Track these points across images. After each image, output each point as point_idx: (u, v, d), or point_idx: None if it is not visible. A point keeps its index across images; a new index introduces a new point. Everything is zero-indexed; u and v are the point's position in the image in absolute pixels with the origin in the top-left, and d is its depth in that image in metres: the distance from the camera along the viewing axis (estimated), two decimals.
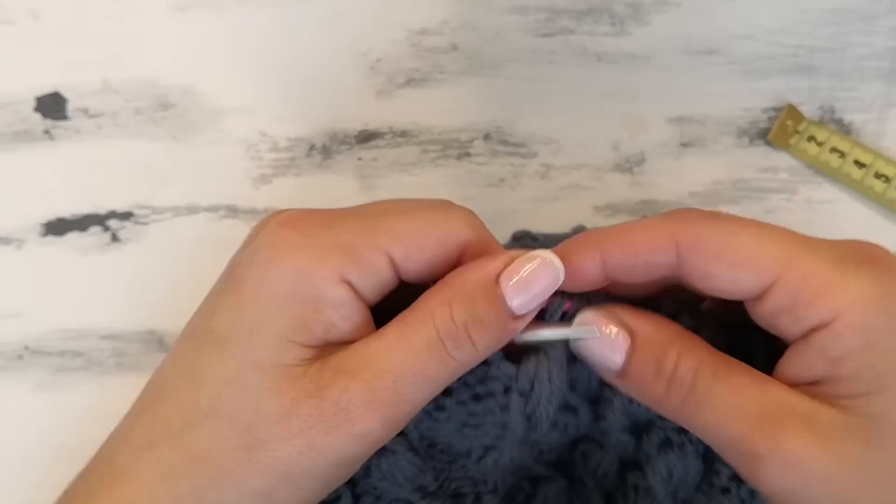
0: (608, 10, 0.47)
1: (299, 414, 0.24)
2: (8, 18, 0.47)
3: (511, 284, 0.25)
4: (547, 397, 0.28)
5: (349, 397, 0.24)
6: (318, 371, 0.25)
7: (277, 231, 0.26)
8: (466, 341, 0.25)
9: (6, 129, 0.46)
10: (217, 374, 0.25)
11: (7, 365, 0.45)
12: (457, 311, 0.25)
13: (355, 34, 0.47)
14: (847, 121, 0.47)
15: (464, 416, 0.29)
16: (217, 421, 0.25)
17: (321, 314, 0.25)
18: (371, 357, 0.25)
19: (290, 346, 0.25)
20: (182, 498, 0.25)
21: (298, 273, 0.25)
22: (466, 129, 0.47)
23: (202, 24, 0.47)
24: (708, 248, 0.26)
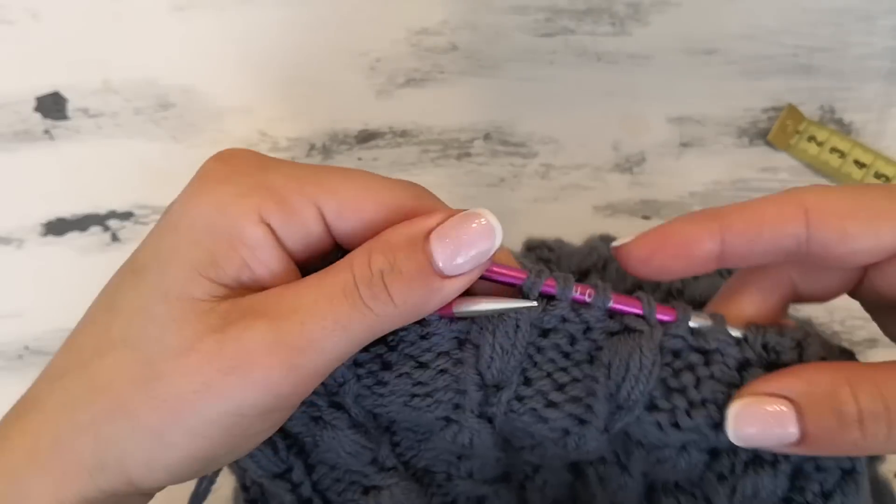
0: (608, 10, 0.47)
1: (199, 349, 0.23)
2: (8, 19, 0.47)
3: (439, 241, 0.23)
4: (499, 348, 0.26)
5: (251, 336, 0.23)
6: (226, 309, 0.24)
7: (209, 164, 0.26)
8: (382, 291, 0.23)
9: (6, 129, 0.46)
10: (131, 303, 0.25)
11: (7, 365, 0.45)
12: (375, 259, 0.23)
13: (355, 34, 0.47)
14: (847, 121, 0.47)
15: (408, 387, 0.27)
16: (123, 351, 0.24)
17: (234, 252, 0.24)
18: (282, 298, 0.24)
19: (199, 280, 0.24)
20: (82, 429, 0.24)
21: (217, 206, 0.24)
22: (466, 129, 0.47)
23: (202, 24, 0.47)
24: (842, 208, 0.25)
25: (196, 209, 0.24)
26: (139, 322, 0.24)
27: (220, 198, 0.24)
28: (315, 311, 0.23)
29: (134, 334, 0.24)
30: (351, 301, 0.23)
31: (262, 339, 0.23)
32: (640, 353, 0.26)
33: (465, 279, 0.24)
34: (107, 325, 0.25)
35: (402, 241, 0.24)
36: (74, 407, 0.24)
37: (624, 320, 0.27)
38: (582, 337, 0.27)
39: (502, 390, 0.27)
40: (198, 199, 0.25)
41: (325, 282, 0.24)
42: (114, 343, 0.24)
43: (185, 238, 0.24)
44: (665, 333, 0.26)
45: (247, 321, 0.23)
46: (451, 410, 0.27)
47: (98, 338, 0.25)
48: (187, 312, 0.23)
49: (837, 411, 0.23)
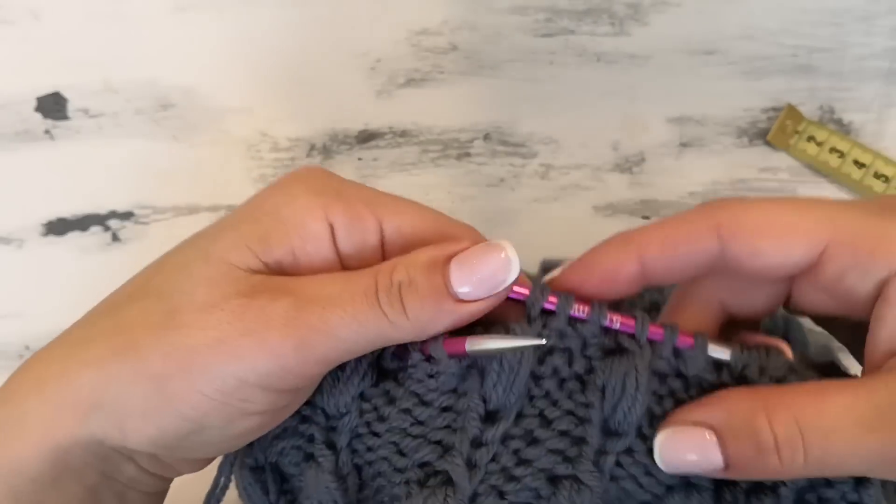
0: (608, 10, 0.47)
1: (223, 307, 0.24)
2: (9, 19, 0.47)
3: (458, 266, 0.25)
4: (507, 365, 0.26)
5: (275, 307, 0.24)
6: (258, 280, 0.25)
7: (298, 171, 0.27)
8: (397, 301, 0.25)
9: (7, 129, 0.46)
10: (175, 261, 0.26)
11: (8, 365, 0.45)
12: (398, 272, 0.25)
13: (355, 35, 0.47)
14: (846, 121, 0.47)
15: (406, 425, 0.27)
16: (154, 299, 0.25)
17: (287, 237, 0.25)
18: (310, 283, 0.25)
19: (243, 250, 0.25)
20: (88, 363, 0.25)
21: (288, 196, 0.26)
22: (466, 129, 0.47)
23: (203, 24, 0.47)
24: (752, 225, 0.26)
25: (270, 196, 0.26)
26: (176, 277, 0.25)
27: (293, 191, 0.26)
28: (336, 301, 0.24)
29: (168, 287, 0.25)
30: (369, 302, 0.25)
31: (284, 313, 0.24)
32: (635, 372, 0.26)
33: (478, 306, 0.25)
34: (149, 276, 0.27)
35: (424, 261, 0.25)
36: (89, 343, 0.25)
37: (618, 339, 0.27)
38: (579, 354, 0.27)
39: (498, 423, 0.26)
40: (275, 189, 0.27)
41: (350, 280, 0.25)
42: (147, 292, 0.26)
43: (247, 214, 0.26)
44: (653, 354, 0.27)
45: (274, 294, 0.24)
46: (437, 457, 0.26)
47: (137, 286, 0.26)
48: (222, 274, 0.25)
49: (755, 439, 0.24)
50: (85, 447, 0.25)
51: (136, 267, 0.45)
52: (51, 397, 0.25)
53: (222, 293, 0.24)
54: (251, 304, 0.24)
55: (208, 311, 0.24)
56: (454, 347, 0.26)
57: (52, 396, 0.25)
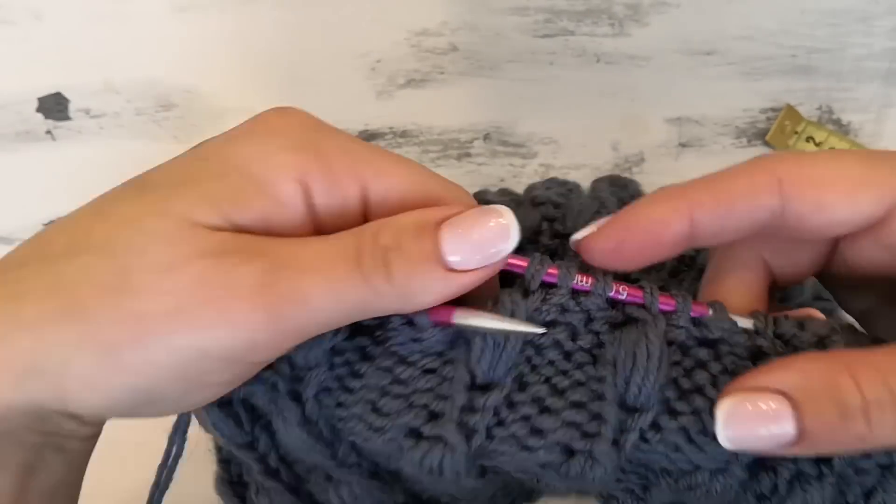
0: (607, 11, 0.47)
1: (184, 270, 0.21)
2: (10, 19, 0.47)
3: (450, 231, 0.22)
4: (491, 341, 0.24)
5: (245, 271, 0.21)
6: (224, 238, 0.22)
7: (266, 114, 0.25)
8: (381, 266, 0.22)
9: (8, 130, 0.46)
10: (123, 213, 0.23)
11: None
12: (384, 234, 0.22)
13: (356, 35, 0.47)
14: (845, 121, 0.47)
15: (385, 382, 0.24)
16: (98, 256, 0.22)
17: (259, 199, 0.23)
18: (284, 246, 0.22)
19: (208, 209, 0.22)
20: (25, 325, 0.22)
21: (259, 153, 0.23)
22: (466, 130, 0.47)
23: (204, 25, 0.47)
24: (818, 177, 0.23)
25: (236, 148, 0.23)
26: (126, 232, 0.22)
27: (265, 146, 0.23)
28: (314, 266, 0.22)
29: (116, 242, 0.22)
30: (349, 267, 0.22)
31: (255, 278, 0.21)
32: (645, 340, 0.24)
33: (471, 277, 0.22)
34: (88, 227, 0.23)
35: (413, 223, 0.23)
36: (24, 300, 0.22)
37: (626, 310, 0.25)
38: (584, 330, 0.25)
39: (490, 392, 0.24)
40: (242, 140, 0.24)
41: (328, 242, 0.22)
42: (91, 246, 0.22)
43: (213, 169, 0.23)
44: (668, 324, 0.24)
45: (243, 256, 0.21)
46: (424, 422, 0.24)
47: (74, 237, 0.23)
48: (182, 231, 0.22)
49: (839, 403, 0.21)
50: (23, 412, 0.22)
51: None
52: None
53: (183, 253, 0.21)
54: (217, 267, 0.21)
55: (167, 272, 0.21)
56: (440, 316, 0.24)
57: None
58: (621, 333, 0.24)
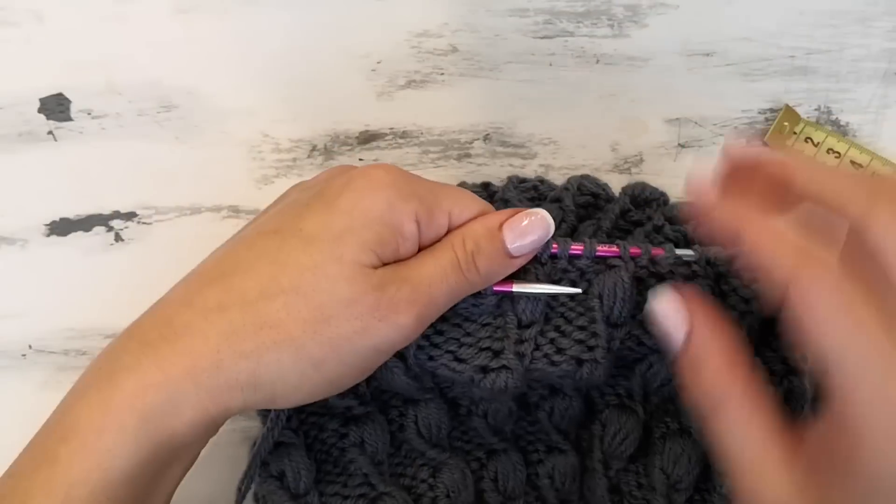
0: (607, 12, 0.48)
1: (363, 301, 0.31)
2: (12, 20, 0.47)
3: (509, 230, 0.34)
4: (532, 303, 0.36)
5: (400, 295, 0.32)
6: (382, 274, 0.32)
7: (373, 171, 0.33)
8: (472, 265, 0.33)
9: (10, 130, 0.47)
10: (301, 262, 0.31)
11: (11, 364, 0.45)
12: (468, 243, 0.33)
13: (356, 36, 0.47)
14: (844, 122, 0.47)
15: (459, 335, 0.36)
16: (293, 297, 0.31)
17: (394, 238, 0.32)
18: (416, 269, 0.33)
19: (369, 253, 0.32)
20: (244, 356, 0.30)
21: (388, 204, 0.32)
22: (466, 131, 0.47)
23: (205, 26, 0.47)
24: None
25: (370, 203, 0.32)
26: (309, 277, 0.31)
27: (389, 198, 0.32)
28: (437, 279, 0.33)
29: (305, 285, 0.31)
30: (457, 273, 0.33)
31: (406, 298, 0.32)
32: (622, 281, 0.36)
33: (525, 259, 0.35)
34: (273, 276, 0.31)
35: (485, 232, 0.34)
36: (239, 335, 0.30)
37: (608, 261, 0.37)
38: (580, 280, 0.37)
39: (531, 328, 0.36)
40: (371, 195, 0.32)
41: (439, 260, 0.33)
42: (283, 289, 0.31)
43: (359, 222, 0.32)
44: (636, 266, 0.36)
45: (397, 284, 0.32)
46: (490, 359, 0.36)
47: (263, 284, 0.31)
48: (355, 273, 0.31)
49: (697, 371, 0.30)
50: (230, 415, 0.31)
51: (138, 267, 0.45)
52: (208, 386, 0.30)
53: (361, 288, 0.31)
54: (382, 297, 0.31)
55: (352, 305, 0.31)
56: (501, 286, 0.36)
57: (210, 385, 0.30)
58: (604, 276, 0.36)
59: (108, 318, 0.45)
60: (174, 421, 0.30)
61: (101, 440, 0.30)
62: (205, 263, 0.34)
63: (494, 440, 0.41)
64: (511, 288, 0.35)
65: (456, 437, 0.41)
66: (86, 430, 0.30)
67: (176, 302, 0.32)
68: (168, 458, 0.31)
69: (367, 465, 0.39)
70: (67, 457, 0.30)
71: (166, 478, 0.32)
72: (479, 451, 0.41)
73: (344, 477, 0.39)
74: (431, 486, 0.39)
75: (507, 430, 0.41)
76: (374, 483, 0.39)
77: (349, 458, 0.39)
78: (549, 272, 0.36)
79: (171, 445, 0.31)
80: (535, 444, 0.41)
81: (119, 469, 0.30)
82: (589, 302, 0.36)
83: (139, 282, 0.37)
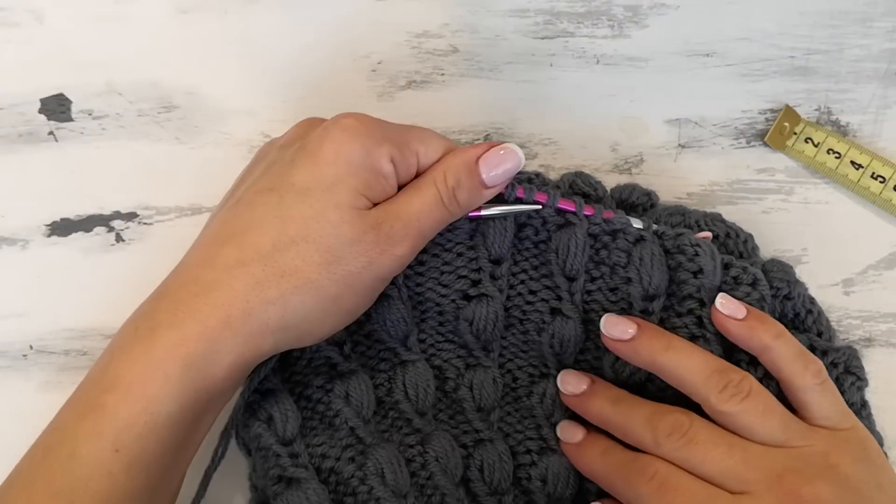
0: (607, 12, 0.48)
1: (364, 239, 0.35)
2: (13, 21, 0.47)
3: (485, 164, 0.37)
4: (500, 231, 0.40)
5: (395, 231, 0.36)
6: (376, 214, 0.36)
7: (344, 120, 0.36)
8: (454, 199, 0.37)
9: (11, 131, 0.47)
10: (303, 213, 0.35)
11: (12, 364, 0.45)
12: (450, 179, 0.37)
13: (356, 37, 0.47)
14: (844, 122, 0.47)
15: (439, 264, 0.41)
16: (304, 245, 0.34)
17: (379, 181, 0.36)
18: (405, 207, 0.36)
19: (360, 197, 0.35)
20: (271, 302, 0.34)
21: (365, 150, 0.35)
22: (467, 131, 0.47)
23: (205, 26, 0.47)
24: None
25: (350, 152, 0.35)
26: (314, 225, 0.35)
27: (365, 144, 0.36)
28: (424, 214, 0.36)
29: (312, 233, 0.35)
30: (441, 206, 0.37)
31: (401, 232, 0.36)
32: (575, 237, 0.40)
33: (498, 188, 0.39)
34: (281, 229, 0.35)
35: (464, 167, 0.37)
36: (263, 285, 0.34)
37: (566, 216, 0.40)
38: (542, 229, 0.41)
39: (503, 264, 0.41)
40: (348, 145, 0.35)
41: (424, 196, 0.37)
42: (293, 240, 0.34)
43: (345, 170, 0.35)
44: (590, 223, 0.40)
45: (390, 221, 0.36)
46: (470, 286, 0.41)
47: (274, 237, 0.35)
48: (354, 216, 0.35)
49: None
50: (262, 357, 0.35)
51: (139, 267, 0.45)
52: (241, 332, 0.34)
53: (361, 228, 0.35)
54: (380, 233, 0.35)
55: (356, 244, 0.35)
56: (474, 212, 0.39)
57: (243, 331, 0.34)
58: (560, 231, 0.41)
59: (109, 318, 0.44)
60: (214, 368, 0.33)
61: (146, 388, 0.32)
62: (210, 227, 0.37)
63: (481, 426, 0.41)
64: (480, 213, 0.40)
65: (442, 420, 0.42)
66: (130, 380, 0.33)
67: (196, 264, 0.35)
68: (207, 403, 0.34)
69: (354, 418, 0.39)
70: (114, 405, 0.32)
71: (203, 423, 0.36)
72: (466, 438, 0.41)
73: (330, 430, 0.40)
74: (420, 452, 0.40)
75: (492, 414, 0.42)
76: (361, 436, 0.39)
77: (335, 410, 0.40)
78: (518, 216, 0.41)
79: (210, 391, 0.34)
80: (525, 443, 0.41)
81: (165, 414, 0.32)
82: (547, 255, 0.41)
83: (140, 282, 0.37)
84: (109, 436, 0.32)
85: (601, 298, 0.41)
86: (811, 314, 0.43)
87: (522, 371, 0.42)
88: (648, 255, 0.39)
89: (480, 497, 0.41)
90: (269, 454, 0.38)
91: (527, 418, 0.42)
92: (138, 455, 0.32)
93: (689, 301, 0.39)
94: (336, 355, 0.40)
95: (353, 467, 0.38)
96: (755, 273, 0.39)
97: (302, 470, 0.38)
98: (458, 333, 0.42)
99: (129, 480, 0.32)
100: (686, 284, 0.39)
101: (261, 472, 0.39)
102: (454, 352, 0.42)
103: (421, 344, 0.42)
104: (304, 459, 0.38)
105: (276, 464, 0.38)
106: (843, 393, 0.39)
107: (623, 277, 0.40)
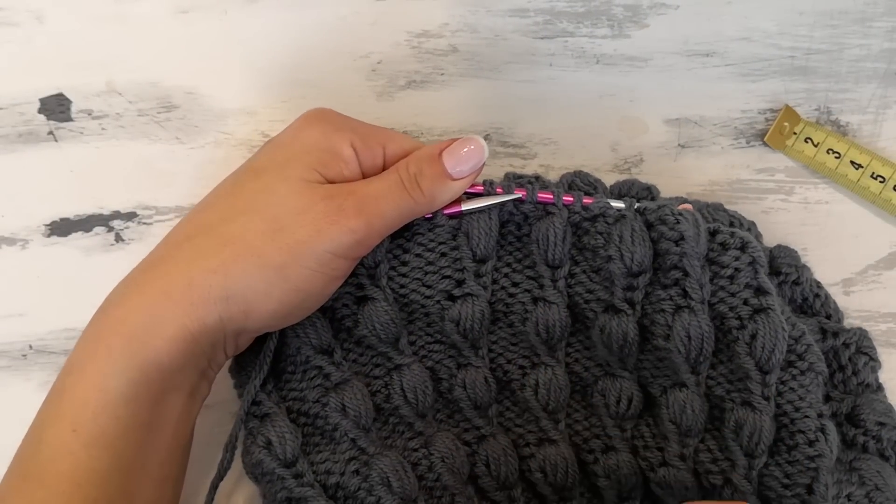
0: (607, 12, 0.48)
1: (313, 209, 0.35)
2: (13, 21, 0.47)
3: (448, 155, 0.37)
4: (483, 230, 0.40)
5: (348, 203, 0.35)
6: (330, 187, 0.36)
7: (311, 113, 0.38)
8: (416, 185, 0.37)
9: (11, 131, 0.47)
10: (253, 188, 0.35)
11: (11, 364, 0.45)
12: (411, 167, 0.37)
13: (356, 37, 0.47)
14: (843, 122, 0.47)
15: (422, 264, 0.40)
16: (249, 215, 0.34)
17: (335, 162, 0.36)
18: (363, 186, 0.36)
19: (312, 172, 0.36)
20: (212, 271, 0.34)
21: (323, 134, 0.36)
22: (466, 131, 0.47)
23: (205, 26, 0.47)
24: None
25: (306, 135, 0.37)
26: (263, 196, 0.35)
27: (324, 129, 0.37)
28: (383, 194, 0.36)
29: (260, 203, 0.35)
30: (400, 190, 0.37)
31: (354, 206, 0.35)
32: (553, 226, 0.40)
33: (466, 181, 0.38)
34: (231, 203, 0.35)
35: (426, 157, 0.37)
36: (204, 255, 0.34)
37: (546, 208, 0.40)
38: (524, 224, 0.41)
39: (487, 262, 0.41)
40: (307, 129, 0.37)
41: (384, 179, 0.37)
42: (241, 211, 0.35)
43: (299, 150, 0.36)
44: (570, 212, 0.40)
45: (343, 195, 0.35)
46: (454, 286, 0.40)
47: (222, 211, 0.35)
48: (304, 187, 0.35)
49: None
50: (210, 334, 0.34)
51: None
52: (182, 302, 0.33)
53: (310, 198, 0.35)
54: (332, 204, 0.35)
55: (303, 213, 0.34)
56: (451, 209, 0.40)
57: (184, 301, 0.33)
58: (539, 223, 0.41)
59: None
60: (156, 340, 0.33)
61: (94, 364, 0.33)
62: (190, 212, 0.38)
63: (481, 422, 0.41)
64: (460, 208, 0.40)
65: (442, 420, 0.42)
66: (83, 359, 0.34)
67: (160, 241, 0.37)
68: (160, 380, 0.34)
69: (353, 429, 0.39)
70: (71, 386, 0.33)
71: (167, 403, 0.35)
72: (468, 436, 0.41)
73: (332, 444, 0.39)
74: (426, 454, 0.40)
75: (490, 409, 0.41)
76: (363, 447, 0.39)
77: (333, 424, 0.39)
78: (501, 213, 0.41)
79: (158, 365, 0.33)
80: (525, 436, 0.41)
81: (115, 389, 0.33)
82: (529, 247, 0.41)
83: None
84: (68, 416, 0.33)
85: (585, 280, 0.41)
86: (819, 298, 0.43)
87: (513, 364, 0.42)
88: (629, 232, 0.39)
89: (490, 493, 0.41)
90: (273, 478, 0.38)
91: (525, 411, 0.42)
92: (96, 434, 0.32)
93: (675, 271, 0.39)
94: (327, 364, 0.40)
95: (359, 480, 0.38)
96: (744, 237, 0.39)
97: (308, 489, 0.37)
98: (446, 334, 0.41)
99: (90, 459, 0.32)
100: (669, 254, 0.39)
101: (269, 497, 0.39)
102: (445, 352, 0.42)
103: (411, 346, 0.41)
104: (310, 478, 0.38)
105: (282, 486, 0.38)
106: (857, 374, 0.40)
107: (605, 257, 0.40)
